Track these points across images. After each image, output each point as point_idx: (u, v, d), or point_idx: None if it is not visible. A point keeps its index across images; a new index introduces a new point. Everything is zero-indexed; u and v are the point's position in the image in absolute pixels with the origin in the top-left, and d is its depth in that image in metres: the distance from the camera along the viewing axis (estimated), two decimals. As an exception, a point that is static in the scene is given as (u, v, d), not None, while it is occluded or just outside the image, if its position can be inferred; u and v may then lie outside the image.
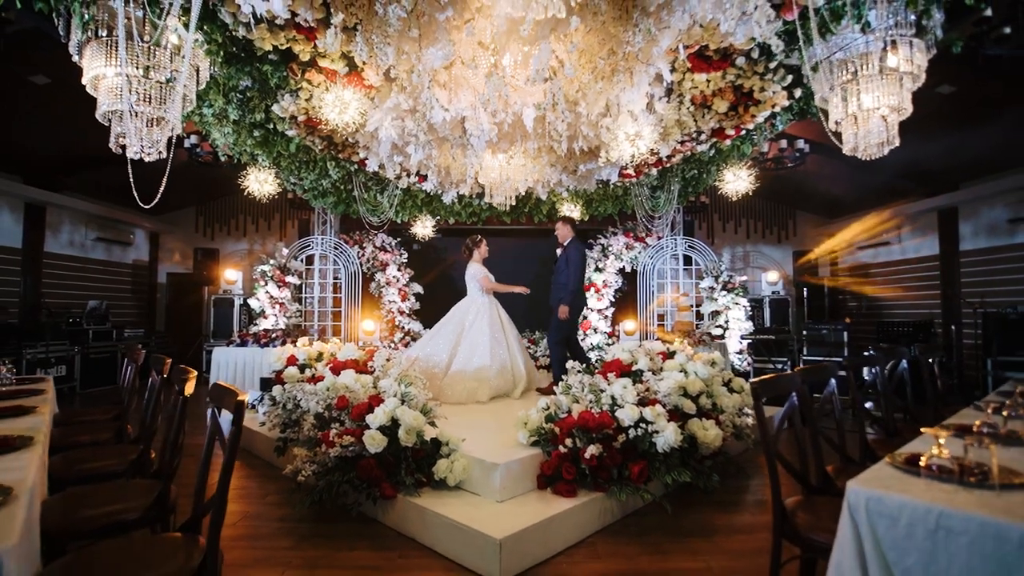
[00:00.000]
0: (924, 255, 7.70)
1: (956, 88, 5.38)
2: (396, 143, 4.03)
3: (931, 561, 1.27)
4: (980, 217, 6.95)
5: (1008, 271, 6.56)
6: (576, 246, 4.78)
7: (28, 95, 5.48)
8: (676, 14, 2.46)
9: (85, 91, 2.61)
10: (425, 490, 2.77)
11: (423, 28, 2.52)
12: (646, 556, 2.49)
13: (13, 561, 1.03)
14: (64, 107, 5.61)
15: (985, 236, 6.88)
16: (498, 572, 2.25)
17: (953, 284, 7.20)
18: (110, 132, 2.62)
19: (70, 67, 2.75)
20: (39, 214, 7.21)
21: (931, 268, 7.57)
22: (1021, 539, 1.15)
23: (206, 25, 2.84)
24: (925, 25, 2.91)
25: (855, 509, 1.39)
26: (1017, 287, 6.41)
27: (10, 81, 5.20)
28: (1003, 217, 6.59)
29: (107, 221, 8.19)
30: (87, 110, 2.71)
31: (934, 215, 7.48)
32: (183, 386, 1.97)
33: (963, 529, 1.23)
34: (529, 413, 3.06)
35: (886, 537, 1.34)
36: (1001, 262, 6.65)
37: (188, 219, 9.29)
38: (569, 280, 4.60)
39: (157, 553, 1.51)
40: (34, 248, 7.14)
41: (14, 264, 6.92)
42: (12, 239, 6.91)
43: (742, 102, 3.86)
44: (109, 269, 8.37)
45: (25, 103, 5.60)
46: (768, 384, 1.88)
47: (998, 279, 6.67)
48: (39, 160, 6.80)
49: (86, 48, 2.64)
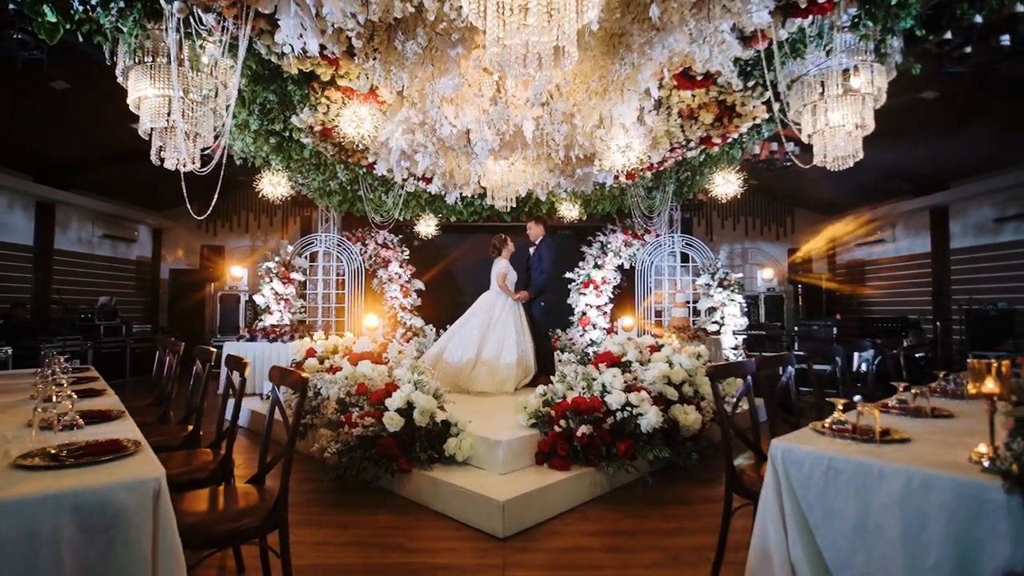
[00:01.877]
0: (916, 252, 8.22)
1: (939, 93, 5.89)
2: (405, 151, 4.53)
3: (824, 493, 1.79)
4: (968, 216, 7.46)
5: (994, 268, 7.08)
6: (547, 243, 5.50)
7: (48, 99, 5.97)
8: (656, 49, 2.96)
9: (100, 96, 3.12)
10: (436, 465, 3.31)
11: (435, 60, 3.02)
12: (629, 520, 3.03)
13: (165, 483, 1.54)
14: (79, 111, 6.10)
15: (973, 235, 7.40)
16: (501, 530, 2.78)
17: (943, 281, 7.72)
18: (125, 137, 3.12)
19: (87, 74, 3.25)
20: (49, 212, 7.71)
21: (923, 265, 8.09)
22: (880, 470, 1.67)
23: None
24: (885, 51, 3.41)
25: (775, 459, 1.92)
26: (1003, 284, 6.93)
27: (34, 87, 5.69)
28: (990, 216, 7.11)
29: (113, 218, 8.70)
30: (100, 114, 3.21)
31: (926, 213, 7.99)
32: (242, 371, 2.49)
33: (844, 468, 1.75)
34: (528, 399, 3.59)
35: (795, 478, 1.87)
36: (988, 260, 7.17)
37: (190, 216, 9.77)
38: (544, 274, 5.36)
39: (239, 497, 2.03)
40: (45, 245, 7.66)
41: (26, 261, 7.43)
42: (25, 237, 7.42)
43: (726, 114, 4.36)
44: (114, 265, 8.89)
45: (44, 107, 6.09)
46: (722, 368, 2.40)
47: (985, 276, 7.19)
48: (50, 160, 7.30)
49: (130, 72, 3.15)
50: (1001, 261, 6.99)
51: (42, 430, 1.96)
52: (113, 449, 1.70)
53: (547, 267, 5.45)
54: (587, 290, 8.40)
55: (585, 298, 8.39)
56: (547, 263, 5.46)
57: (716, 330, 7.71)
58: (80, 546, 1.38)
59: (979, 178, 7.12)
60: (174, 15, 2.87)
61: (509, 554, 2.62)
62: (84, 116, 6.25)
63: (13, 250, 7.24)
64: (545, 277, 5.44)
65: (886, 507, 1.65)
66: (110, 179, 8.01)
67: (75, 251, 8.15)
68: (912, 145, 6.79)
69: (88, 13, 2.93)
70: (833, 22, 3.15)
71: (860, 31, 3.09)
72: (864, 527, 1.70)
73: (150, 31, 3.09)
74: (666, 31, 2.83)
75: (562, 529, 2.91)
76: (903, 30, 3.46)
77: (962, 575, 1.51)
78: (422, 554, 2.63)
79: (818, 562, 1.81)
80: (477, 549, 2.68)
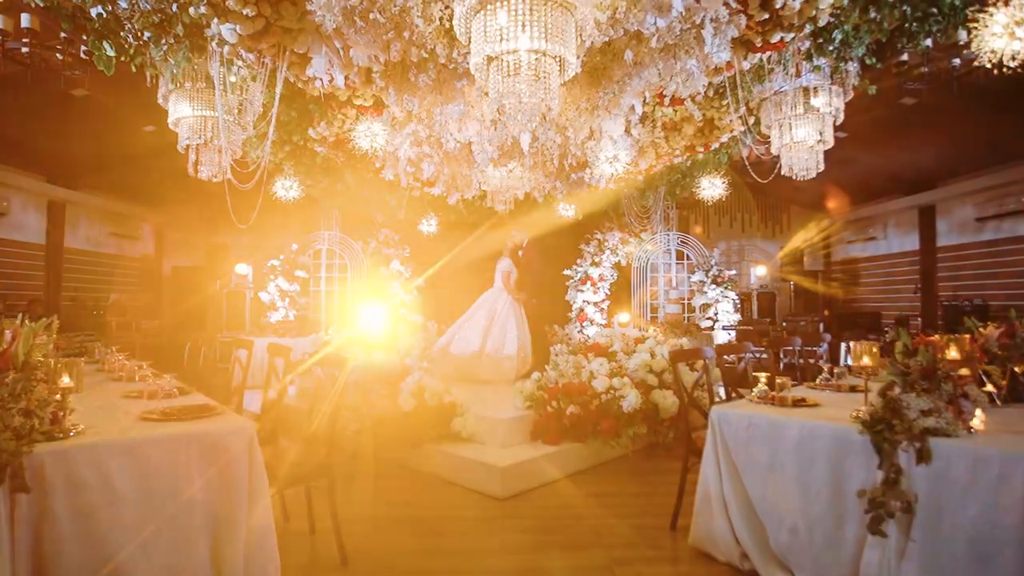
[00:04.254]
0: (907, 250, 8.92)
1: (917, 100, 6.57)
2: (412, 159, 5.21)
3: (747, 444, 2.50)
4: (953, 215, 8.15)
5: (977, 266, 7.77)
6: (534, 248, 6.21)
7: (68, 106, 6.64)
8: (634, 80, 3.63)
9: (116, 102, 3.82)
10: (444, 441, 4.01)
11: (443, 90, 3.70)
12: (610, 485, 3.74)
13: (255, 431, 2.24)
14: (96, 115, 6.77)
15: (958, 233, 8.10)
16: (500, 491, 3.48)
17: (930, 278, 8.42)
18: (136, 139, 3.81)
19: (106, 81, 3.94)
20: (60, 211, 8.39)
21: (912, 263, 8.79)
22: (784, 423, 2.37)
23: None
24: (843, 75, 4.09)
25: (713, 421, 2.62)
26: (984, 280, 7.63)
27: (57, 95, 6.36)
28: (972, 215, 7.80)
29: (118, 217, 9.38)
30: (114, 118, 3.85)
31: (915, 212, 8.68)
32: (287, 356, 3.18)
33: (760, 424, 2.46)
34: (525, 384, 4.29)
35: (727, 434, 2.57)
36: (971, 257, 7.87)
37: (191, 214, 10.45)
38: (535, 274, 6.09)
39: (296, 451, 2.73)
40: (55, 243, 8.34)
41: (39, 259, 8.12)
42: (37, 236, 8.11)
43: (706, 127, 5.04)
44: (119, 263, 9.58)
45: (63, 113, 6.76)
46: (681, 353, 3.10)
47: (969, 273, 7.89)
48: (62, 161, 7.97)
49: (171, 95, 3.83)
50: (983, 259, 7.69)
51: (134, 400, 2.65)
52: (208, 410, 2.40)
53: (537, 268, 6.14)
54: (585, 287, 9.09)
55: (583, 295, 9.07)
56: (536, 265, 6.13)
57: (710, 326, 8.41)
58: (204, 467, 2.08)
59: (963, 179, 7.81)
60: (217, 51, 3.54)
61: (507, 509, 3.33)
62: (99, 120, 6.92)
63: (27, 248, 7.92)
64: (537, 278, 6.13)
65: (787, 451, 2.36)
66: (118, 179, 8.69)
67: (83, 249, 8.84)
68: (899, 147, 7.48)
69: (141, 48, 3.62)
70: (788, 57, 3.84)
71: (813, 63, 3.78)
72: (773, 467, 2.41)
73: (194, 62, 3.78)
74: (641, 66, 3.51)
75: (552, 492, 3.62)
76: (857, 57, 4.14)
77: (835, 496, 2.22)
78: (435, 509, 3.34)
79: (743, 496, 2.52)
80: (480, 506, 3.39)
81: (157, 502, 1.98)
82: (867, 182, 8.68)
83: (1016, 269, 7.19)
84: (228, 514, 2.13)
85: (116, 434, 2.04)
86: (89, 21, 3.30)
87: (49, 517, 1.81)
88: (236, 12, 2.94)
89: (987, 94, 5.88)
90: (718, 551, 2.61)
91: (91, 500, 1.87)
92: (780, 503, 2.39)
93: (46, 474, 1.81)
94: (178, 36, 3.39)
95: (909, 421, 2.07)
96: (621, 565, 2.65)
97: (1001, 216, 7.38)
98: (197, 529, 2.07)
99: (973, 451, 1.94)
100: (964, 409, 2.20)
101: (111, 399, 2.70)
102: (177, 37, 3.41)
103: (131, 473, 1.95)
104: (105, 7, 3.14)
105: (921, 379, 2.24)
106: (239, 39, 3.16)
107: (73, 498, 1.85)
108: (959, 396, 2.23)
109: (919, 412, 2.09)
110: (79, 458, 1.88)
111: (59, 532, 1.82)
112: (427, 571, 2.62)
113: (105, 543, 1.88)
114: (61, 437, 1.92)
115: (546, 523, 3.15)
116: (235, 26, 3.06)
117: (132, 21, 3.29)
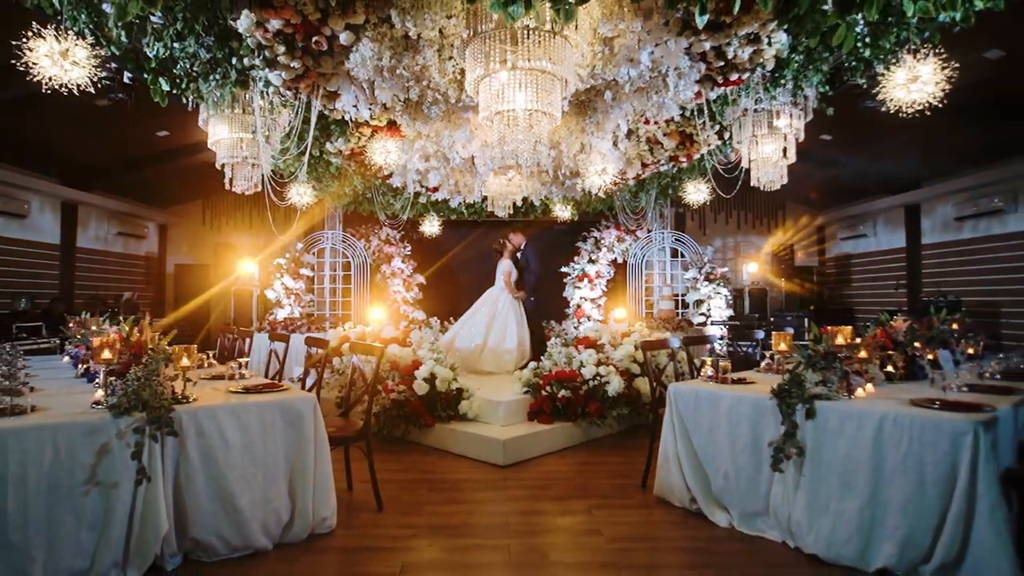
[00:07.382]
0: (895, 247, 9.88)
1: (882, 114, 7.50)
2: (420, 169, 6.15)
3: (695, 412, 3.46)
4: (936, 214, 9.11)
5: (958, 263, 8.73)
6: (531, 248, 7.28)
7: (89, 115, 7.55)
8: (615, 112, 4.57)
9: (134, 111, 4.85)
10: (453, 421, 4.97)
11: (451, 119, 4.63)
12: (595, 457, 4.71)
13: (318, 401, 3.18)
14: (114, 123, 7.68)
15: (940, 231, 9.06)
16: (502, 460, 4.44)
17: (915, 275, 9.39)
18: (149, 144, 4.73)
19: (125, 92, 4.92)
20: (72, 212, 9.32)
21: (899, 260, 9.75)
22: (720, 395, 3.33)
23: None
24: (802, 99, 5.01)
25: (670, 395, 3.58)
26: (964, 277, 8.59)
27: (82, 106, 7.27)
28: (952, 215, 8.75)
29: (126, 216, 10.30)
30: (131, 125, 4.76)
31: (901, 210, 9.64)
32: (324, 347, 4.13)
33: (704, 396, 3.42)
34: (523, 372, 5.25)
35: (680, 405, 3.53)
36: (953, 255, 8.83)
37: (195, 213, 11.38)
38: (533, 274, 7.26)
39: (340, 420, 3.68)
40: (69, 243, 9.27)
41: (53, 259, 9.05)
42: (52, 236, 9.04)
43: (686, 140, 5.97)
44: (126, 261, 10.52)
45: (84, 121, 7.68)
46: (650, 343, 4.05)
47: (951, 270, 8.85)
48: (75, 163, 8.88)
49: (211, 119, 4.75)
50: (962, 256, 8.65)
51: (214, 380, 3.60)
52: (278, 386, 3.36)
53: (534, 267, 7.23)
54: (582, 284, 10.04)
55: (580, 291, 10.03)
56: (534, 265, 7.25)
57: (702, 321, 9.37)
58: (283, 426, 3.04)
59: (941, 180, 8.76)
60: (258, 85, 4.46)
61: (508, 473, 4.30)
62: (118, 126, 7.83)
63: (43, 248, 8.85)
64: (534, 277, 7.24)
65: (722, 416, 3.32)
66: (128, 180, 9.60)
67: (93, 248, 9.77)
68: (881, 151, 8.42)
69: (191, 84, 4.53)
70: (751, 85, 4.76)
71: (771, 93, 4.72)
72: (712, 429, 3.37)
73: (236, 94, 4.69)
74: (619, 102, 4.44)
75: (545, 462, 4.59)
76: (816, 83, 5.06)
77: (755, 449, 3.18)
78: (447, 473, 4.31)
79: (692, 453, 3.49)
80: (485, 471, 4.35)
81: (255, 450, 2.95)
82: (856, 181, 9.62)
83: (991, 267, 8.15)
84: (300, 461, 3.09)
85: (221, 400, 3.00)
86: (147, 60, 4.21)
87: (185, 455, 2.77)
88: (284, 64, 3.85)
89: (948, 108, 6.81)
90: (674, 498, 3.58)
91: (212, 445, 2.83)
92: (717, 456, 3.35)
93: (183, 426, 2.77)
94: (226, 74, 4.31)
95: (805, 390, 3.02)
96: (598, 509, 3.62)
97: (978, 216, 8.32)
98: (280, 471, 3.03)
99: (845, 409, 2.89)
100: (853, 383, 3.16)
101: (194, 380, 3.65)
102: (225, 75, 4.33)
103: (237, 429, 2.91)
104: (163, 47, 4.02)
105: (821, 360, 3.19)
106: (281, 81, 4.08)
107: (200, 443, 2.81)
108: (854, 373, 3.19)
109: (813, 384, 3.05)
110: (203, 416, 2.84)
111: (192, 466, 2.78)
112: (448, 514, 3.57)
113: (221, 476, 2.84)
114: (186, 402, 2.87)
115: (540, 482, 4.12)
116: (280, 72, 3.97)
117: (186, 61, 4.15)
